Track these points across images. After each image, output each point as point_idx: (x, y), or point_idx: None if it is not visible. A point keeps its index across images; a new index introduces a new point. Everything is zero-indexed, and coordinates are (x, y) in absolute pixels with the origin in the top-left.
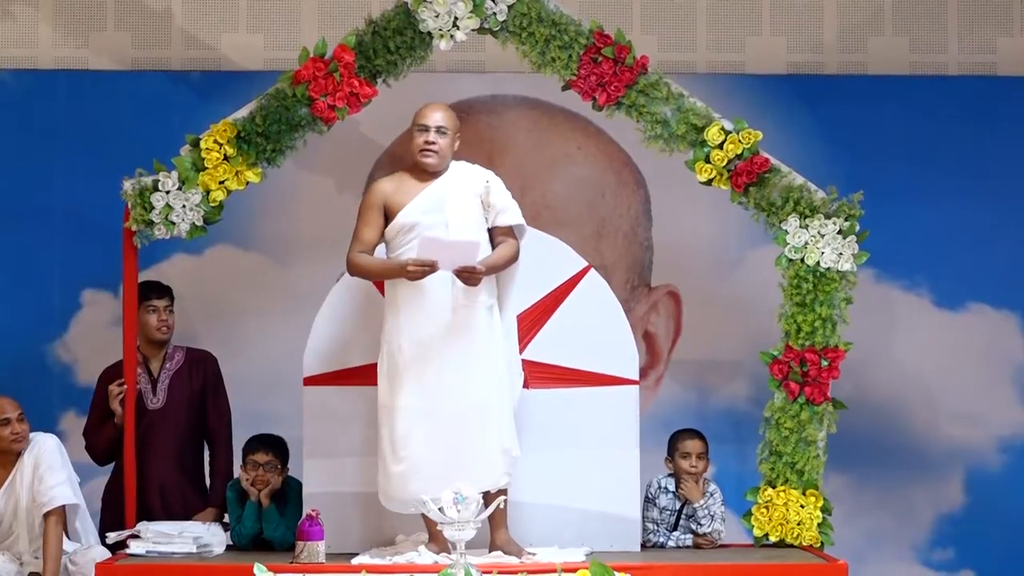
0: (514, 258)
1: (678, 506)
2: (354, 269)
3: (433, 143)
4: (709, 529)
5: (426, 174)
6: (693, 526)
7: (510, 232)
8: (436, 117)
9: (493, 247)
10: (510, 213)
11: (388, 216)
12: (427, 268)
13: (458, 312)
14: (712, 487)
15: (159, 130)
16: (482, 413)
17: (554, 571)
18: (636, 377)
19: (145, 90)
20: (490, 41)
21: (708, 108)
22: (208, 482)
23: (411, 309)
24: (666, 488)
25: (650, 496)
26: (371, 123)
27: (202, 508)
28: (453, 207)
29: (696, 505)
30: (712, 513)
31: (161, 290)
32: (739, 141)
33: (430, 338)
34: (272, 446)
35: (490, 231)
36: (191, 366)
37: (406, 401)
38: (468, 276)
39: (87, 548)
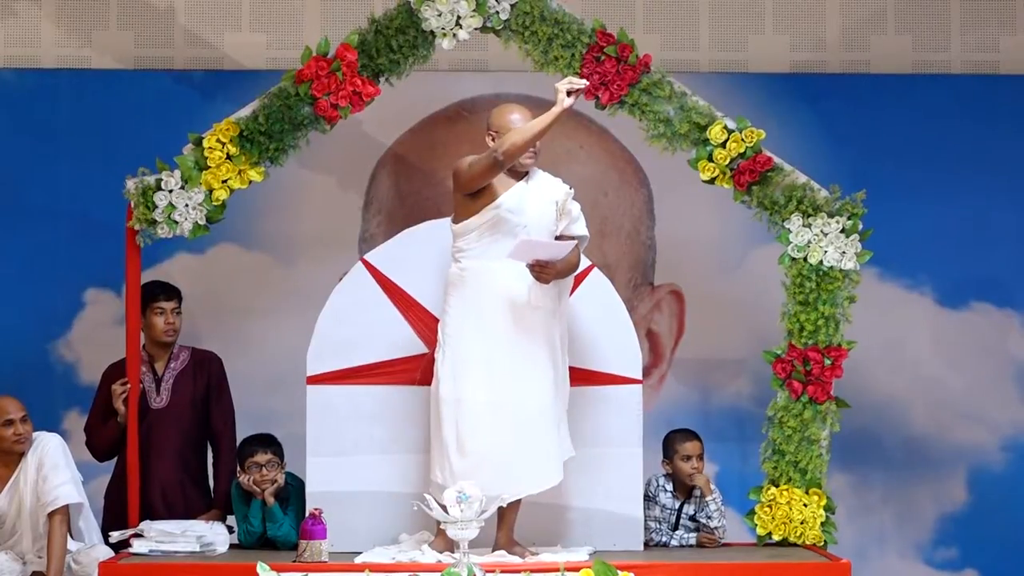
0: (577, 267)
1: (677, 505)
2: (506, 152)
3: (535, 147)
4: (719, 523)
5: (515, 172)
6: (703, 519)
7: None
8: None
9: None
10: (581, 224)
11: (484, 194)
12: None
13: (535, 312)
14: (712, 485)
15: (162, 129)
16: (544, 414)
17: (557, 570)
18: (639, 376)
19: (148, 89)
20: (493, 40)
21: (711, 107)
22: (212, 483)
23: (486, 305)
24: (664, 487)
25: (650, 494)
26: (374, 122)
27: (204, 509)
28: (533, 210)
29: (709, 499)
30: (721, 508)
31: (169, 291)
32: (742, 140)
33: (503, 335)
34: (269, 444)
35: (558, 238)
36: (196, 367)
37: (474, 395)
38: (540, 271)
39: (91, 547)
